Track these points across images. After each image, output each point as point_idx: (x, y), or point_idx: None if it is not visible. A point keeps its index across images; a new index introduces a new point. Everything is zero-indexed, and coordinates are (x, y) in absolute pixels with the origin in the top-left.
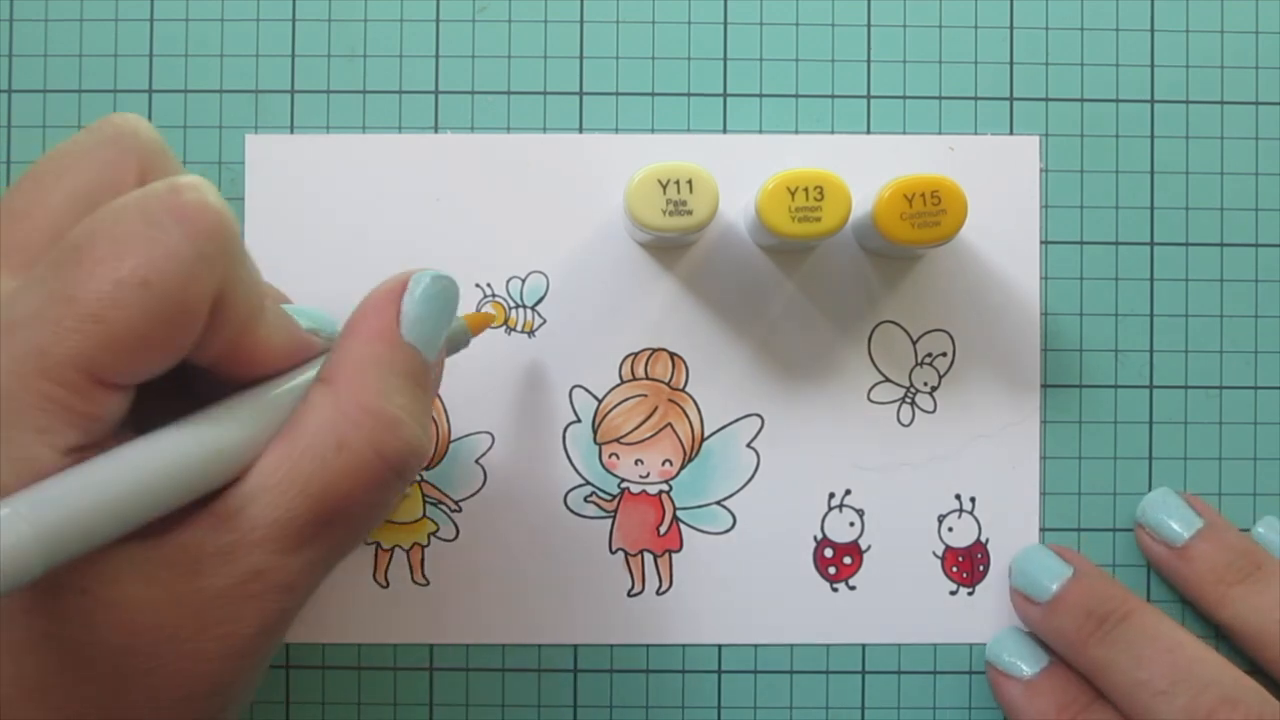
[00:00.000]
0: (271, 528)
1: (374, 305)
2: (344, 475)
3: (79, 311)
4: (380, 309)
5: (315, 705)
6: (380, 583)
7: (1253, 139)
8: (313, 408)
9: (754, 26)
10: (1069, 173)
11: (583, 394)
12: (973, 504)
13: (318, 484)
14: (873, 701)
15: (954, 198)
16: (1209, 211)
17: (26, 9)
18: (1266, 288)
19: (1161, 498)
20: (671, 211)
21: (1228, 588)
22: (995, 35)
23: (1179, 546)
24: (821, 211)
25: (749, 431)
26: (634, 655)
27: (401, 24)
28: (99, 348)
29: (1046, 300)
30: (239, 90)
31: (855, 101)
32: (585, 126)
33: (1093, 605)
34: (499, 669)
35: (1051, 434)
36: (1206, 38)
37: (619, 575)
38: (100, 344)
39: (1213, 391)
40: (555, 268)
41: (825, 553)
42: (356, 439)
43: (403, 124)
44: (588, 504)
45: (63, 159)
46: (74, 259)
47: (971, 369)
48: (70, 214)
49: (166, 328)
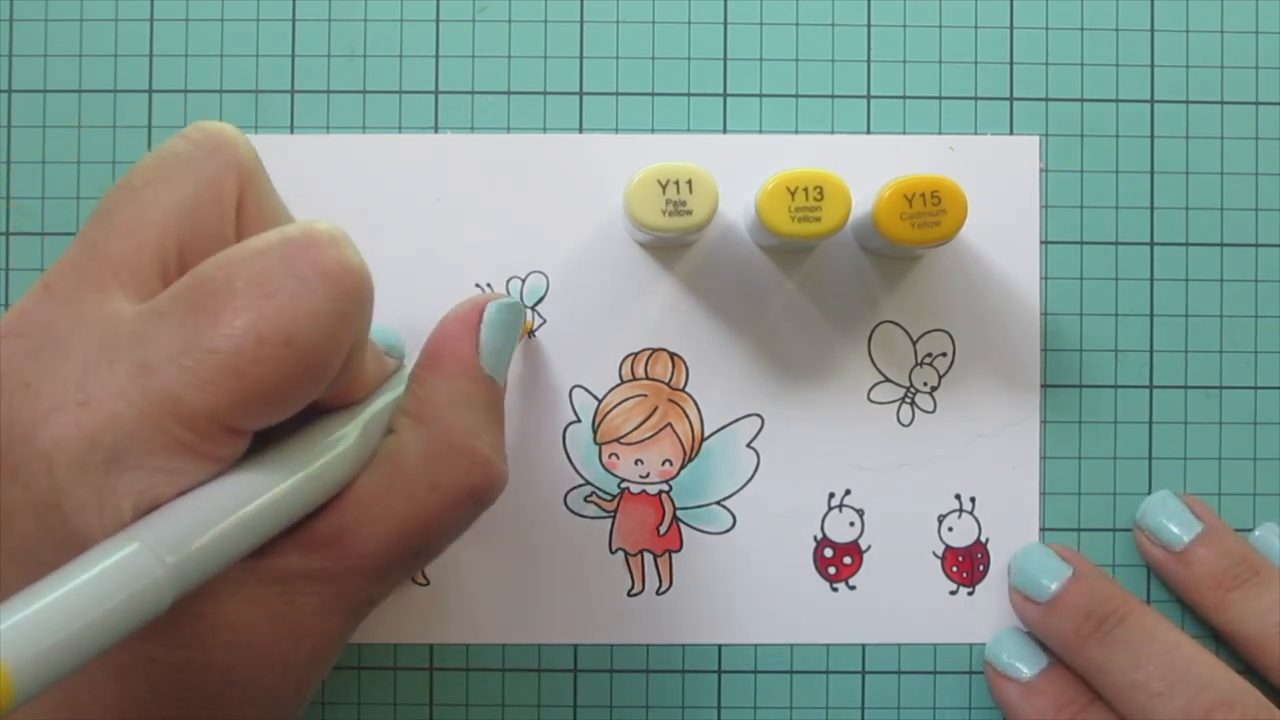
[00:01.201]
0: (365, 559)
1: (454, 335)
2: (435, 514)
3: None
4: (459, 339)
5: (315, 705)
6: None
7: (1253, 139)
8: (405, 445)
9: (754, 26)
10: (1069, 173)
11: (583, 394)
12: (973, 504)
13: (411, 523)
14: (873, 701)
15: (954, 198)
16: (1209, 211)
17: (26, 9)
18: (1266, 288)
19: (1161, 501)
20: (671, 212)
21: (1225, 593)
22: (995, 35)
23: (1178, 550)
24: (821, 211)
25: (749, 431)
26: (634, 655)
27: (401, 24)
28: (235, 401)
29: (1046, 300)
30: (239, 90)
31: (855, 101)
32: (585, 126)
33: (1092, 606)
34: (499, 669)
35: (1051, 434)
36: (1206, 38)
37: (619, 575)
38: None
39: (1213, 391)
40: (555, 268)
41: (825, 553)
42: (450, 479)
43: (403, 124)
44: (588, 504)
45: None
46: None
47: (971, 369)
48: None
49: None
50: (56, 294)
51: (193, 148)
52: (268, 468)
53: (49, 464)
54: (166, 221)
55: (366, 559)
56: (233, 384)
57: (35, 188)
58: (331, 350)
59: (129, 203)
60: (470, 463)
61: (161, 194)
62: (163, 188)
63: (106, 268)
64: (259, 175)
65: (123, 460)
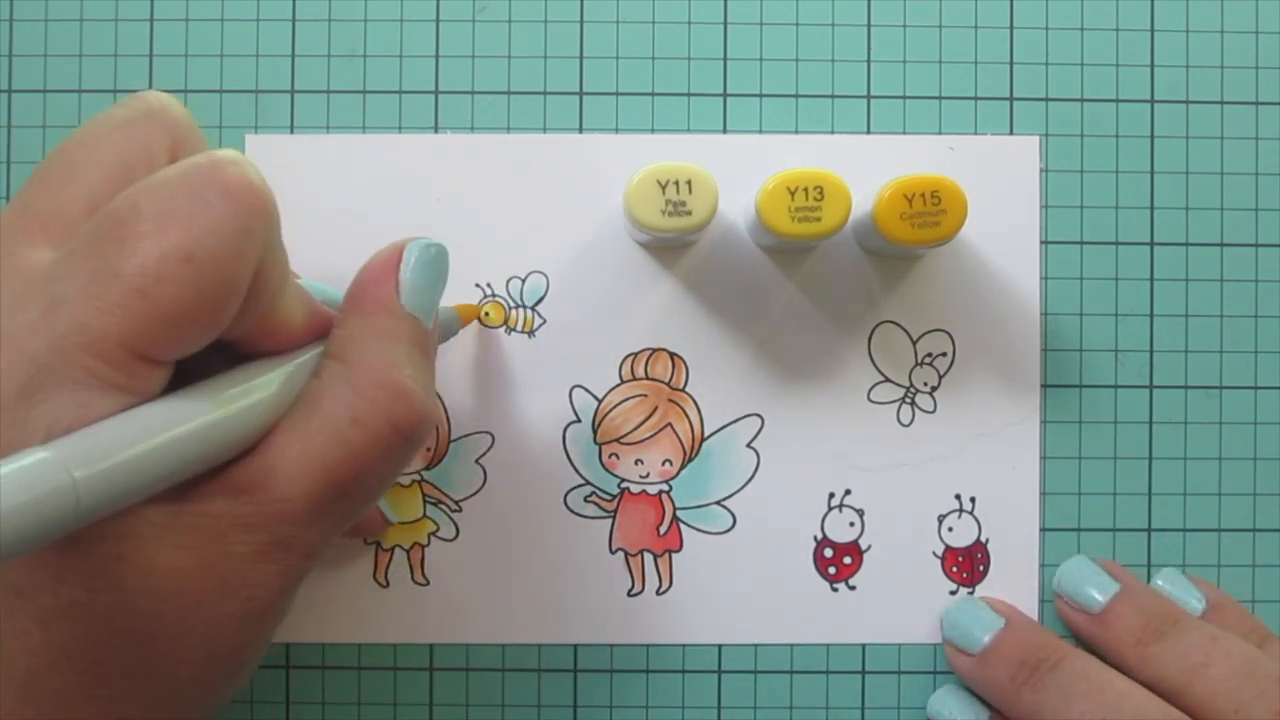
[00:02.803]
0: (292, 502)
1: (373, 277)
2: (360, 449)
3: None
4: (379, 280)
5: (315, 705)
6: (380, 583)
7: (1253, 139)
8: (325, 384)
9: (754, 26)
10: (1069, 173)
11: (583, 394)
12: (973, 504)
13: (335, 459)
14: (872, 701)
15: (954, 198)
16: (1209, 211)
17: (26, 9)
18: (1266, 288)
19: (1076, 565)
20: (671, 212)
21: (1146, 647)
22: (995, 35)
23: (1096, 612)
24: (821, 211)
25: (749, 431)
26: (634, 655)
27: (401, 24)
28: (144, 323)
29: (1046, 300)
30: (239, 90)
31: (855, 101)
32: (585, 126)
33: (1025, 655)
34: (499, 669)
35: (1051, 434)
36: (1206, 38)
37: (619, 575)
38: (145, 320)
39: (1213, 391)
40: (555, 268)
41: (825, 553)
42: (371, 413)
43: (403, 124)
44: (588, 504)
45: (97, 131)
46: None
47: (971, 369)
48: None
49: (210, 303)
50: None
51: (127, 112)
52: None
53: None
54: (95, 177)
55: (292, 501)
56: (139, 304)
57: None
58: (235, 266)
59: (61, 161)
60: (390, 395)
61: (93, 152)
62: (94, 146)
63: (35, 221)
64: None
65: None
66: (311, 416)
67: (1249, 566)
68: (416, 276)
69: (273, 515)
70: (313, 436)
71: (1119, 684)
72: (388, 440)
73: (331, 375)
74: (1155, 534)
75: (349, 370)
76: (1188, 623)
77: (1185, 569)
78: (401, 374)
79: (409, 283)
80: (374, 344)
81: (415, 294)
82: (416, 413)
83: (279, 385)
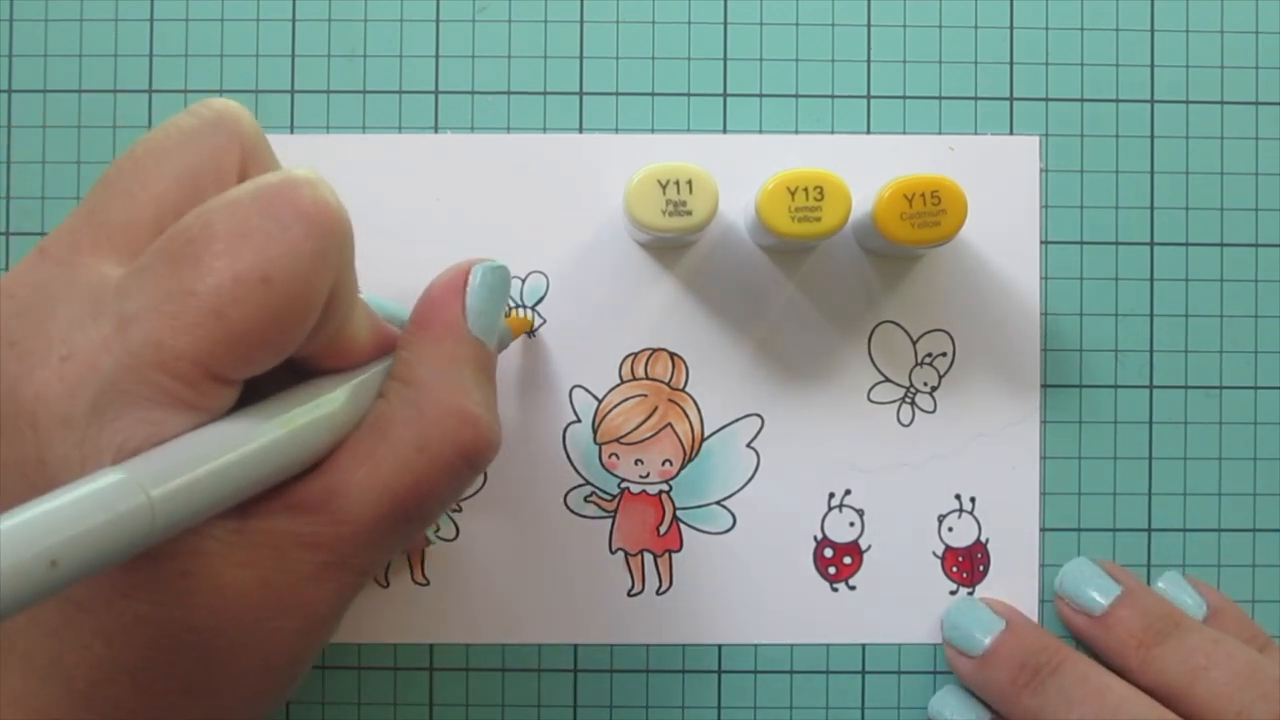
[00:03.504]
0: (355, 524)
1: (439, 299)
2: (426, 475)
3: (199, 306)
4: (446, 303)
5: (315, 705)
6: (380, 583)
7: (1253, 139)
8: (392, 407)
9: (754, 26)
10: (1069, 173)
11: (583, 394)
12: (973, 504)
13: (400, 484)
14: (872, 701)
15: (954, 198)
16: (1209, 211)
17: (26, 9)
18: (1266, 288)
19: (1078, 567)
20: (671, 212)
21: (1148, 650)
22: (995, 35)
23: (1098, 614)
24: (821, 211)
25: (749, 431)
26: (634, 655)
27: (401, 24)
28: (218, 343)
29: (1046, 300)
30: (239, 90)
31: (855, 101)
32: (585, 126)
33: (1025, 658)
34: (499, 669)
35: (1051, 434)
36: (1206, 38)
37: (619, 575)
38: (219, 340)
39: (1213, 391)
40: (555, 268)
41: (825, 553)
42: (438, 440)
43: (403, 124)
44: (588, 504)
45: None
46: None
47: (971, 369)
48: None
49: (284, 325)
50: (50, 257)
51: (196, 121)
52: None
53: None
54: (164, 189)
55: (356, 523)
56: (213, 325)
57: (35, 188)
58: (310, 288)
59: (128, 171)
60: (458, 422)
61: (161, 163)
62: (163, 157)
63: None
64: (262, 149)
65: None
66: (379, 441)
67: (1249, 567)
68: (481, 300)
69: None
70: (379, 461)
71: (1118, 688)
72: (454, 466)
73: (399, 399)
74: (1155, 534)
75: (416, 394)
76: (1189, 626)
77: (1185, 569)
78: (470, 401)
79: (475, 306)
80: (441, 369)
81: (480, 317)
82: (484, 439)
83: (344, 404)
